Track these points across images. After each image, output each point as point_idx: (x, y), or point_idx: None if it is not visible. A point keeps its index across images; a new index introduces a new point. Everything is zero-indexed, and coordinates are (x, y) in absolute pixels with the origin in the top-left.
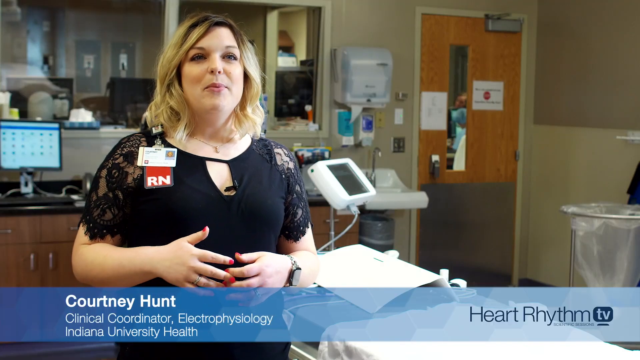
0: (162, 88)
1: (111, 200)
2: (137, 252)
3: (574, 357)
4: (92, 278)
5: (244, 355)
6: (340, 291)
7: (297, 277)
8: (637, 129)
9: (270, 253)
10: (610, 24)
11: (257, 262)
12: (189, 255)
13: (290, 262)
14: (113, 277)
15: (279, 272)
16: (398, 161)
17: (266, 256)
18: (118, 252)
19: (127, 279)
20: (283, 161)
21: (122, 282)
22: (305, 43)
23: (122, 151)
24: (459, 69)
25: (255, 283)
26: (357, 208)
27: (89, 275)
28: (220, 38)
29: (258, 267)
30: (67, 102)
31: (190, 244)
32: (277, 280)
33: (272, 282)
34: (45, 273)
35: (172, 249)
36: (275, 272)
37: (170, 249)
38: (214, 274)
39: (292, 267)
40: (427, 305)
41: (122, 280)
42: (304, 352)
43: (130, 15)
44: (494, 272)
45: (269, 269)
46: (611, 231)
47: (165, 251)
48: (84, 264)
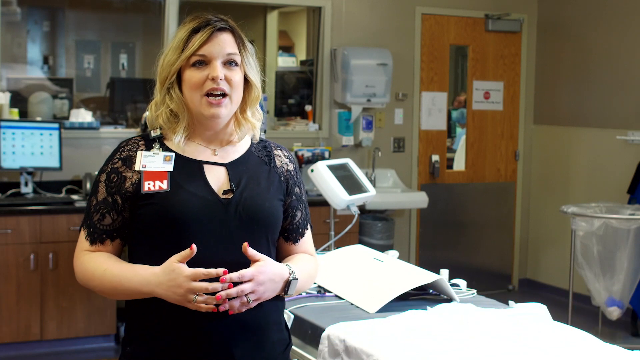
0: (162, 90)
1: (110, 205)
2: (135, 272)
3: (574, 357)
4: (92, 287)
5: (245, 355)
6: (340, 291)
7: (292, 287)
8: (637, 129)
9: (271, 260)
10: (610, 24)
11: (252, 267)
12: (182, 278)
13: (288, 271)
14: (113, 292)
15: (272, 281)
16: (398, 161)
17: (264, 262)
18: (117, 267)
19: (127, 295)
20: (282, 163)
21: (121, 297)
22: (305, 43)
23: (120, 155)
24: (459, 69)
25: (248, 289)
26: (357, 208)
27: (89, 285)
28: (222, 45)
29: (251, 273)
30: (67, 102)
31: (182, 264)
32: (270, 288)
33: (264, 290)
34: (45, 273)
35: (165, 271)
36: (268, 280)
37: (164, 271)
38: (211, 289)
39: (289, 278)
40: (427, 305)
41: (122, 295)
42: (304, 352)
43: (130, 15)
44: (494, 272)
45: (262, 276)
46: (611, 231)
47: (160, 274)
48: (84, 273)
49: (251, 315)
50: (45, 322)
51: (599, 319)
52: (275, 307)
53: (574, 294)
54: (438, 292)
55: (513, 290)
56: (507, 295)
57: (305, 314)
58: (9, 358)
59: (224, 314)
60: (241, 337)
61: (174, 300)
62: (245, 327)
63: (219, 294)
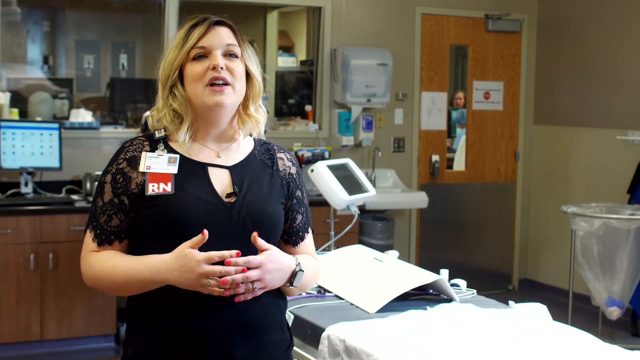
0: (164, 91)
1: (117, 206)
2: (144, 262)
3: (574, 357)
4: (102, 286)
5: (247, 356)
6: (340, 291)
7: (298, 279)
8: (637, 129)
9: (279, 250)
10: (610, 24)
11: (260, 255)
12: (195, 262)
13: (295, 262)
14: (124, 287)
15: (280, 270)
16: (398, 161)
17: (272, 251)
18: (125, 261)
19: (139, 288)
20: (285, 166)
21: (133, 291)
22: (305, 43)
23: (125, 155)
24: (459, 69)
25: (254, 276)
26: (357, 208)
27: (99, 284)
28: (221, 36)
29: (259, 260)
30: (67, 102)
31: (194, 249)
32: (277, 277)
33: (271, 279)
34: (45, 273)
35: (177, 257)
36: (276, 269)
37: (176, 257)
38: (224, 272)
39: (296, 269)
40: (427, 305)
41: (134, 289)
42: (304, 352)
43: (130, 15)
44: (494, 272)
45: (270, 264)
46: (611, 231)
47: (171, 261)
48: (93, 273)
49: (253, 316)
50: (45, 322)
51: (599, 319)
52: (277, 307)
53: (574, 294)
54: (438, 292)
55: (513, 290)
56: (507, 295)
57: (305, 314)
58: (9, 358)
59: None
60: (243, 338)
61: (187, 286)
62: (247, 328)
63: (224, 278)
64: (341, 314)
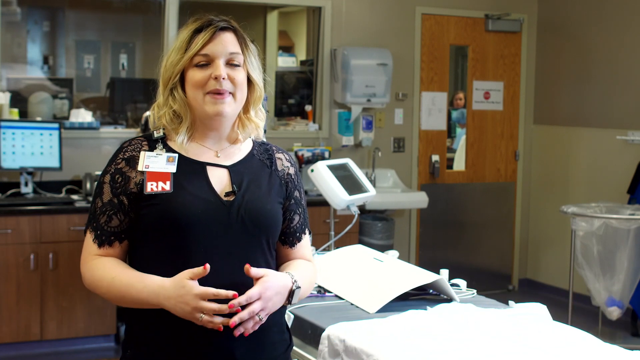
0: (165, 91)
1: (117, 206)
2: (143, 282)
3: (574, 357)
4: (100, 293)
5: (246, 356)
6: (340, 291)
7: (296, 296)
8: (637, 129)
9: (273, 273)
10: (610, 24)
11: (257, 285)
12: (191, 295)
13: (291, 281)
14: (120, 300)
15: (279, 293)
16: (398, 161)
17: (268, 277)
18: (125, 276)
19: (134, 304)
20: (284, 166)
21: (129, 305)
22: (305, 43)
23: (124, 155)
24: (459, 69)
25: (258, 308)
26: (357, 208)
27: (97, 290)
28: (225, 44)
29: (258, 292)
30: (67, 102)
31: (193, 281)
32: (277, 301)
33: (273, 304)
34: (45, 273)
35: (175, 286)
36: (275, 294)
37: (174, 286)
38: (218, 310)
39: (293, 287)
40: (427, 305)
41: (129, 304)
42: (304, 352)
43: (130, 15)
44: (494, 272)
45: (269, 292)
46: (611, 231)
47: (170, 288)
48: (92, 279)
49: None
50: (45, 322)
51: (599, 319)
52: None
53: (574, 294)
54: (438, 292)
55: (513, 290)
56: (507, 295)
57: (305, 314)
58: (9, 358)
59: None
60: (242, 339)
61: (181, 315)
62: None
63: (233, 320)
64: (341, 314)
